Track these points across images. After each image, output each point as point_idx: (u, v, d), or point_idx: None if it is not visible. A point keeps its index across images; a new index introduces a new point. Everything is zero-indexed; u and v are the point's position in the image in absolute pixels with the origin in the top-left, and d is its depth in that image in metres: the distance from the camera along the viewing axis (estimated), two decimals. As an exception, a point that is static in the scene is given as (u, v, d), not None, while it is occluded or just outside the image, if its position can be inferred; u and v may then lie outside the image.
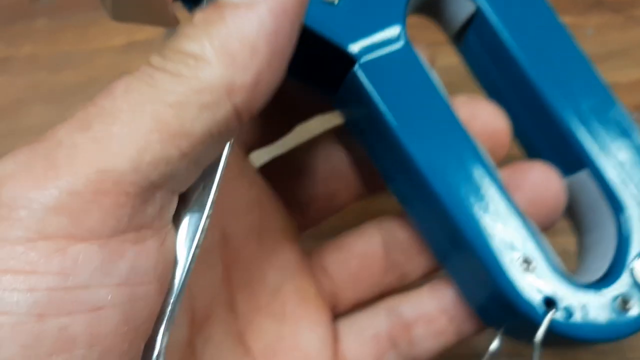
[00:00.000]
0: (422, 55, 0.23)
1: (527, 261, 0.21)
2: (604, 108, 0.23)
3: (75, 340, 0.15)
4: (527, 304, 0.21)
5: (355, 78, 0.22)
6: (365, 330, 0.24)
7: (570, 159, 0.23)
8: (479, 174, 0.22)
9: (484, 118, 0.23)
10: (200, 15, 0.18)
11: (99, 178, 0.16)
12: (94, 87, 0.30)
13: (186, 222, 0.19)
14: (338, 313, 0.25)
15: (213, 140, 0.17)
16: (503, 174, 0.23)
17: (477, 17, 0.23)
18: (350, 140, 0.25)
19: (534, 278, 0.21)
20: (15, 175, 0.16)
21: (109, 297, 0.16)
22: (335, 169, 0.25)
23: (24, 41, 0.39)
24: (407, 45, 0.22)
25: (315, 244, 0.26)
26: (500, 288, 0.21)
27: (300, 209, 0.25)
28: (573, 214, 0.24)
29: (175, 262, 0.18)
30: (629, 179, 0.22)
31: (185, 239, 0.19)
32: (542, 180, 0.23)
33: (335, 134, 0.26)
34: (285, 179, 0.25)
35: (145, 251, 0.17)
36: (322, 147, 0.26)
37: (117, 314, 0.16)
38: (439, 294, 0.24)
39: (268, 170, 0.25)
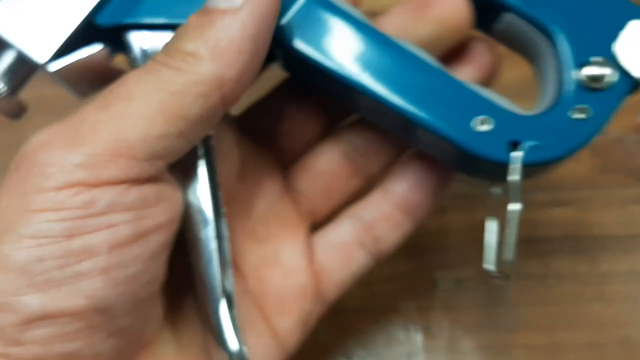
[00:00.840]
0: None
1: (483, 120, 0.25)
2: None
3: (96, 249, 0.21)
4: (495, 153, 0.25)
5: (281, 40, 0.25)
6: (334, 240, 0.29)
7: (492, 6, 0.27)
8: (417, 66, 0.25)
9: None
10: (194, 18, 0.23)
11: (115, 145, 0.21)
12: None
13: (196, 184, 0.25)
14: (318, 225, 0.30)
15: (202, 123, 0.23)
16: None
17: None
18: None
19: (494, 130, 0.25)
20: (49, 143, 0.21)
21: (120, 218, 0.21)
22: (303, 106, 0.30)
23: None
24: None
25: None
26: (468, 150, 0.25)
27: (278, 146, 0.30)
28: (520, 49, 0.28)
29: (179, 202, 0.24)
30: (553, 5, 0.26)
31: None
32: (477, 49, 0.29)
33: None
34: (260, 122, 0.30)
35: (146, 189, 0.22)
36: (290, 90, 0.30)
37: (127, 228, 0.21)
38: (389, 193, 0.29)
39: (245, 117, 0.30)
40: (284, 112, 0.30)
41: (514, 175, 0.24)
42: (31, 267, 0.20)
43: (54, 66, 0.27)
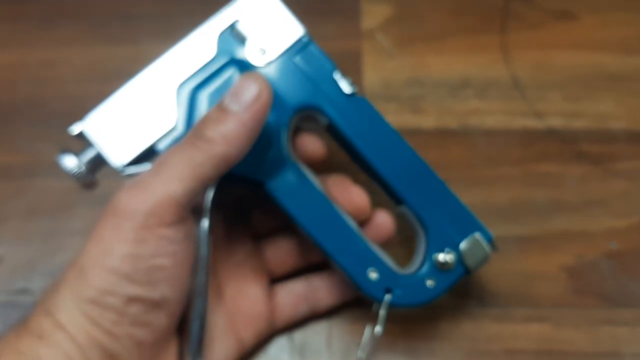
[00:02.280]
0: (305, 168, 0.39)
1: (373, 271, 0.38)
2: (414, 172, 0.39)
3: (165, 266, 0.33)
4: (376, 294, 0.38)
5: (266, 190, 0.38)
6: (290, 290, 0.43)
7: (396, 198, 0.39)
8: (343, 227, 0.39)
9: (354, 198, 0.40)
10: (213, 112, 0.34)
11: (168, 199, 0.33)
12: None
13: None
14: (273, 279, 0.43)
15: (215, 178, 0.34)
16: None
17: (331, 125, 0.39)
18: None
19: (379, 279, 0.38)
20: (129, 199, 0.33)
21: (177, 248, 0.33)
22: (273, 209, 0.40)
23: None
24: (294, 166, 0.38)
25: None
26: (360, 287, 0.38)
27: (255, 226, 0.44)
28: (411, 226, 0.40)
29: (197, 239, 0.36)
30: (429, 208, 0.39)
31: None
32: (382, 219, 0.42)
33: None
34: (243, 209, 0.43)
35: (186, 228, 0.34)
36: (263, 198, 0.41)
37: (180, 254, 0.34)
38: (333, 277, 0.42)
39: (234, 205, 0.43)
40: (261, 209, 0.44)
41: (382, 310, 0.38)
42: (130, 273, 0.32)
43: (128, 170, 0.36)
